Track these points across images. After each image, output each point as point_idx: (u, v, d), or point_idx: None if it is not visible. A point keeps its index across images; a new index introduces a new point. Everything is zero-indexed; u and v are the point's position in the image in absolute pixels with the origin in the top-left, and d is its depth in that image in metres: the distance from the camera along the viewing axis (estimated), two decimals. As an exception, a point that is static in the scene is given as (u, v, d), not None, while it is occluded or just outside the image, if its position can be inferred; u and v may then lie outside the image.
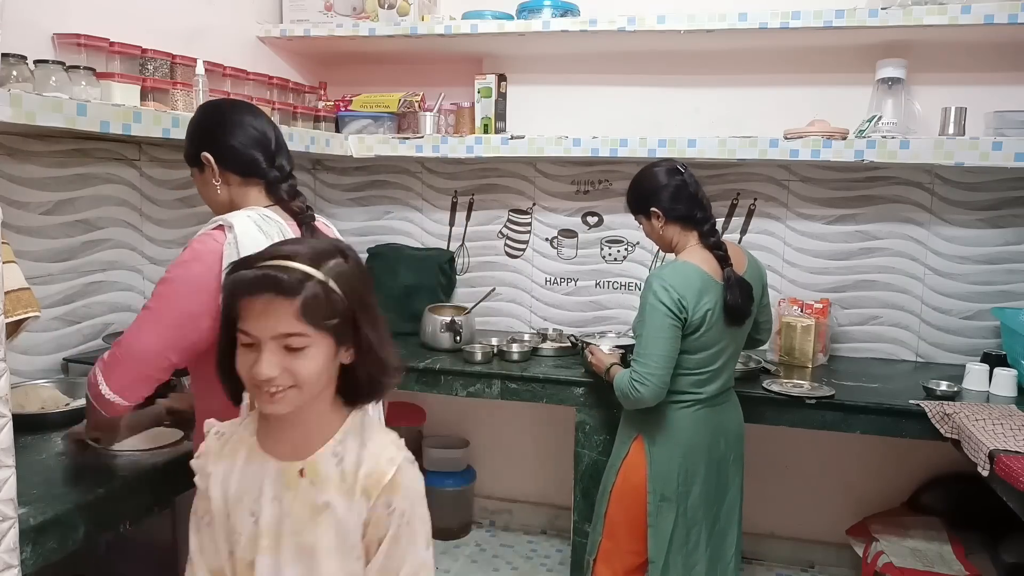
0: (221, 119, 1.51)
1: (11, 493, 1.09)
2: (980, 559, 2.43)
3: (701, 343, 1.90)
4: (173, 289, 1.36)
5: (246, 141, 1.49)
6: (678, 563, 1.96)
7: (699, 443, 1.94)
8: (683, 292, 1.84)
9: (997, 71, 2.55)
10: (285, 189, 1.51)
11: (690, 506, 1.95)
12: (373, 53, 2.96)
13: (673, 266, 1.93)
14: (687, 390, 1.94)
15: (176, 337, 1.35)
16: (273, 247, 1.14)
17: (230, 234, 1.36)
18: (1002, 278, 2.65)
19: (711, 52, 2.74)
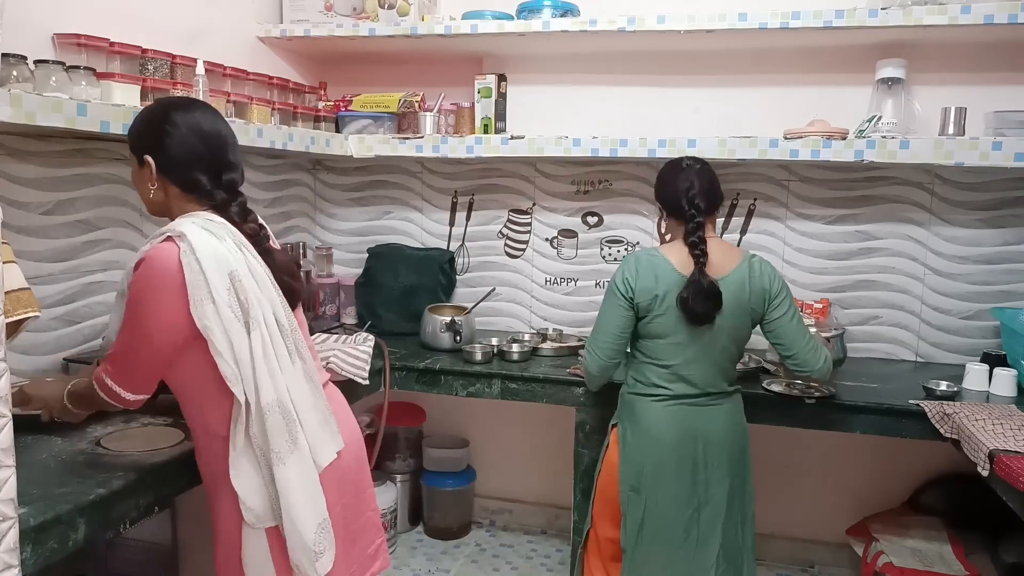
0: (165, 121, 1.43)
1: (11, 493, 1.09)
2: (980, 559, 2.43)
3: (654, 329, 1.94)
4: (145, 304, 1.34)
5: (191, 157, 1.43)
6: (646, 557, 1.96)
7: (667, 438, 1.94)
8: (634, 275, 1.93)
9: (997, 71, 2.55)
10: (235, 211, 1.45)
11: (660, 501, 1.94)
12: (373, 53, 2.96)
13: (643, 252, 2.00)
14: (657, 383, 1.96)
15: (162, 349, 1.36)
16: None
17: (183, 243, 1.32)
18: (1002, 278, 2.65)
19: (711, 52, 2.74)
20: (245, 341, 1.34)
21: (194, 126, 1.44)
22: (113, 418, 1.77)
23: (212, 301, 1.32)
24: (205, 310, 1.32)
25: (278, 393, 1.37)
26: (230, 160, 1.49)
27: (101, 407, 1.46)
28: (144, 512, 1.49)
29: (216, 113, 1.52)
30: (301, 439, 1.40)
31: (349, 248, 3.21)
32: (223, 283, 1.34)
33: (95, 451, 1.56)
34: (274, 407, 1.36)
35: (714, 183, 2.00)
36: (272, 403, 1.36)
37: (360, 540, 1.61)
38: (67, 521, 1.29)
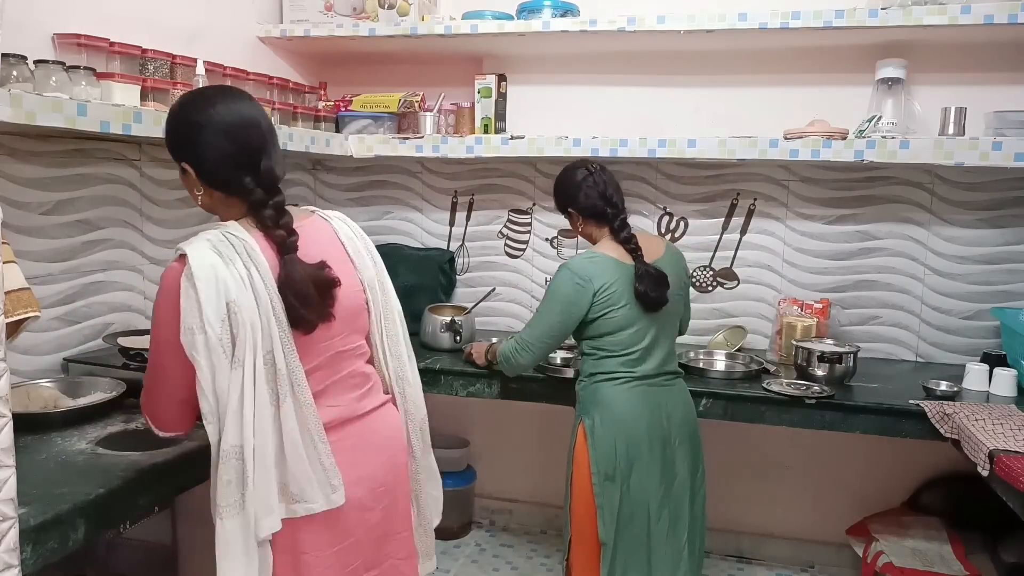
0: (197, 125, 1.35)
1: (11, 493, 1.09)
2: (980, 559, 2.43)
3: (615, 323, 2.00)
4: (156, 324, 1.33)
5: (234, 161, 1.35)
6: (627, 544, 1.99)
7: (638, 419, 1.98)
8: (589, 276, 1.99)
9: (997, 71, 2.55)
10: (269, 215, 1.35)
11: (634, 485, 1.98)
12: (373, 53, 2.96)
13: (581, 256, 2.07)
14: (619, 370, 2.02)
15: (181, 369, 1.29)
16: None
17: (186, 267, 1.26)
18: (1002, 278, 2.65)
19: (711, 52, 2.74)
20: (227, 375, 1.26)
21: (218, 124, 1.34)
22: (113, 418, 1.77)
23: (204, 332, 1.25)
24: (195, 340, 1.25)
25: (242, 438, 1.26)
26: (262, 148, 1.37)
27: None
28: (144, 512, 1.49)
29: (243, 98, 1.41)
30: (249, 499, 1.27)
31: (349, 248, 3.21)
32: (218, 314, 1.25)
33: (95, 451, 1.56)
34: (231, 455, 1.26)
35: (617, 182, 2.14)
36: (231, 449, 1.26)
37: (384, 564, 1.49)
38: (67, 521, 1.29)
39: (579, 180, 2.12)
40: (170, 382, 1.33)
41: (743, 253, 2.86)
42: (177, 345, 1.26)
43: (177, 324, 1.26)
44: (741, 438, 2.90)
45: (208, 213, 1.45)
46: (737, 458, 2.94)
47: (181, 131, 1.38)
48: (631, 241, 2.03)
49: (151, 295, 2.32)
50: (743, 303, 2.88)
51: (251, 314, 1.27)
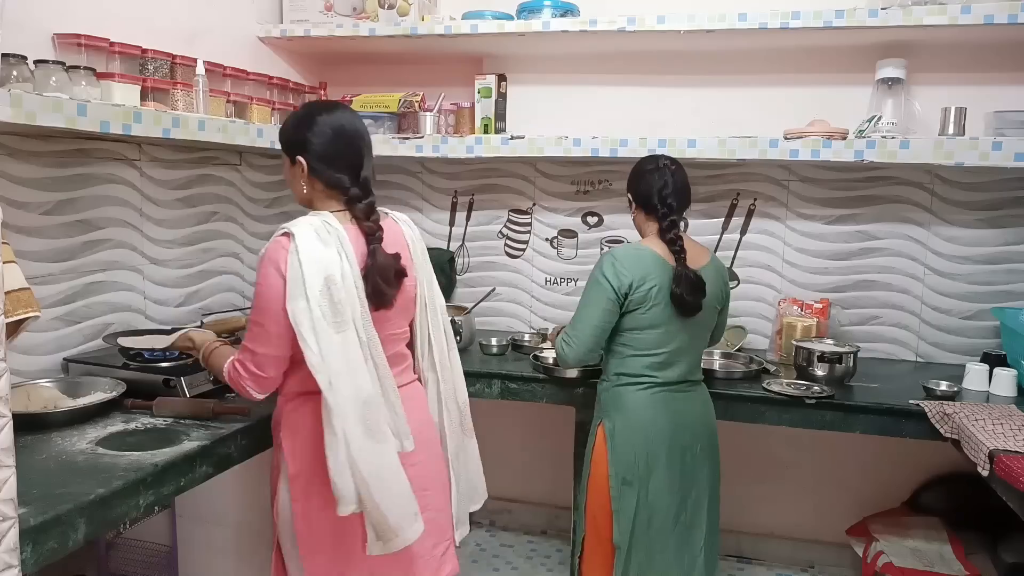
0: (316, 126, 1.61)
1: (11, 493, 1.09)
2: (980, 559, 2.43)
3: (646, 320, 1.97)
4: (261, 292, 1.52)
5: (341, 163, 1.61)
6: (642, 549, 1.98)
7: (659, 426, 1.98)
8: (626, 268, 1.96)
9: (997, 71, 2.55)
10: (362, 208, 1.61)
11: (652, 490, 1.97)
12: (373, 53, 2.96)
13: (627, 246, 2.06)
14: (643, 372, 2.00)
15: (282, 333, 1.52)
16: None
17: (292, 242, 1.49)
18: (1002, 278, 2.65)
19: (711, 52, 2.74)
20: (332, 339, 1.49)
21: (337, 129, 1.61)
22: (113, 418, 1.77)
23: (305, 299, 1.47)
24: (298, 306, 1.47)
25: (359, 391, 1.51)
26: (363, 155, 1.65)
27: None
28: (144, 512, 1.49)
29: (355, 114, 1.69)
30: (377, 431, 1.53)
31: (349, 248, 3.21)
32: (318, 285, 1.48)
33: (95, 451, 1.56)
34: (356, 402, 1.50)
35: (687, 185, 2.08)
36: (355, 398, 1.50)
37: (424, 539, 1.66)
38: (67, 521, 1.29)
39: (646, 170, 2.08)
40: (273, 342, 1.53)
41: (743, 253, 2.87)
42: (282, 310, 1.49)
43: (283, 290, 1.49)
44: (741, 438, 2.89)
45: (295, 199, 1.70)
46: (737, 458, 2.94)
47: (304, 127, 1.62)
48: (676, 242, 1.99)
49: (151, 295, 2.32)
50: (743, 303, 2.88)
51: (343, 291, 1.51)
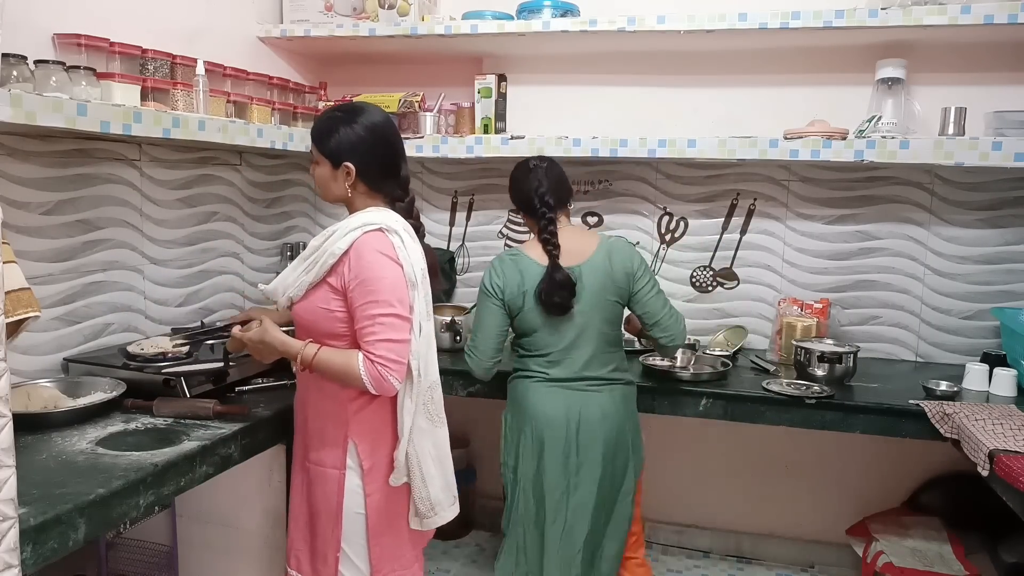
0: (373, 140, 1.67)
1: (11, 493, 1.09)
2: (980, 559, 2.44)
3: (527, 323, 2.05)
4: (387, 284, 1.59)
5: (389, 168, 1.70)
6: (519, 537, 2.03)
7: (542, 414, 2.02)
8: (501, 275, 2.06)
9: (997, 71, 2.55)
10: (403, 208, 1.72)
11: (534, 482, 2.03)
12: (373, 53, 2.96)
13: (507, 252, 2.13)
14: (535, 368, 2.07)
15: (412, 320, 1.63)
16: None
17: (394, 236, 1.62)
18: (1002, 278, 2.65)
19: (711, 52, 2.74)
20: (426, 325, 1.66)
21: (380, 134, 1.69)
22: (113, 418, 1.77)
23: (416, 288, 1.62)
24: (413, 294, 1.62)
25: (436, 375, 1.71)
26: (403, 156, 1.74)
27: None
28: (144, 512, 1.50)
29: (388, 115, 1.75)
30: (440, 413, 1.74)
31: (349, 248, 3.21)
32: (420, 275, 1.64)
33: (95, 451, 1.56)
34: (436, 385, 1.72)
35: (561, 179, 2.11)
36: (435, 382, 1.71)
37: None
38: (67, 521, 1.29)
39: (517, 176, 2.13)
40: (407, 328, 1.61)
41: (743, 253, 2.87)
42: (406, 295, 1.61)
43: (403, 277, 1.60)
44: (741, 438, 2.90)
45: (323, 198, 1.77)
46: (737, 458, 2.94)
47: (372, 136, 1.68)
48: (549, 241, 2.02)
49: (151, 295, 2.32)
50: (743, 303, 2.88)
51: (427, 283, 1.68)
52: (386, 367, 1.56)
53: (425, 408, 1.69)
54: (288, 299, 1.70)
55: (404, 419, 1.65)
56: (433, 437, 1.73)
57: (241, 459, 1.77)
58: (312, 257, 1.65)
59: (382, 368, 1.56)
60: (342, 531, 1.68)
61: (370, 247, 1.58)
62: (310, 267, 1.65)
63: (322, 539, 1.70)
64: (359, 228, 1.61)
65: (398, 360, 1.58)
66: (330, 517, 1.68)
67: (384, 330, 1.57)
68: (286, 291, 1.69)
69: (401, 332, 1.59)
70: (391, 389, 1.59)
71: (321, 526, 1.70)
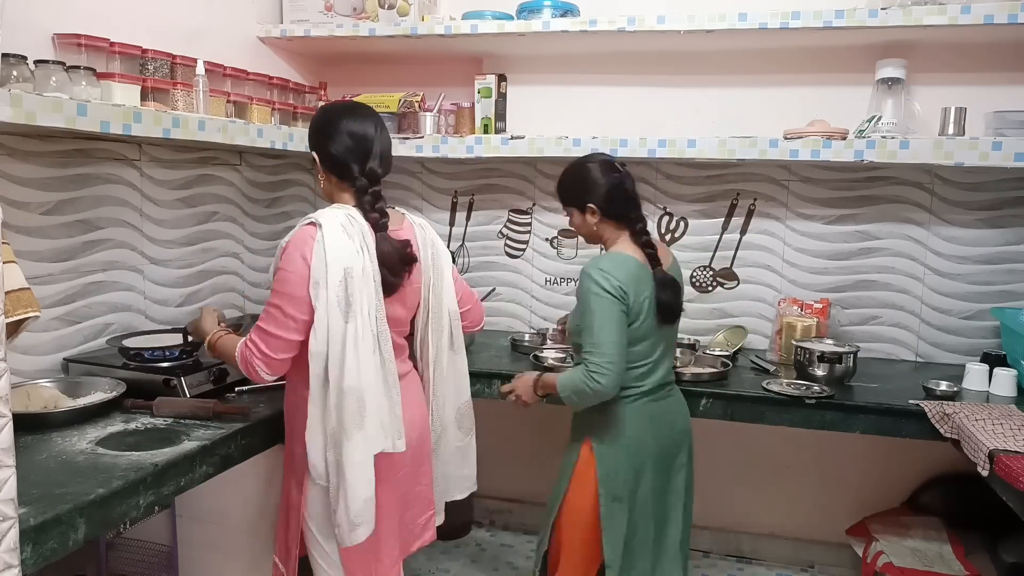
0: (327, 125, 1.71)
1: (11, 493, 1.09)
2: (980, 559, 2.43)
3: (641, 333, 1.88)
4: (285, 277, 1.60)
5: (343, 149, 1.69)
6: (633, 561, 1.94)
7: (645, 437, 1.92)
8: (623, 280, 1.82)
9: (997, 71, 2.55)
10: (367, 200, 1.69)
11: (639, 502, 1.93)
12: (373, 53, 2.96)
13: (611, 256, 1.91)
14: (630, 384, 1.91)
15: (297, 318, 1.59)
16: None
17: (319, 232, 1.59)
18: (1002, 278, 2.65)
19: (711, 52, 2.74)
20: (341, 327, 1.57)
21: (346, 124, 1.69)
22: (113, 418, 1.77)
23: (326, 287, 1.56)
24: (318, 292, 1.57)
25: (359, 380, 1.59)
26: (373, 153, 1.72)
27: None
28: (144, 512, 1.50)
29: (367, 114, 1.74)
30: (368, 423, 1.61)
31: (349, 248, 3.21)
32: (337, 275, 1.57)
33: (95, 451, 1.56)
34: (352, 391, 1.58)
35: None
36: (352, 387, 1.58)
37: (413, 507, 1.86)
38: (67, 521, 1.29)
39: (604, 175, 1.93)
40: (288, 326, 1.59)
41: (743, 253, 2.87)
42: (303, 296, 1.58)
43: (307, 275, 1.57)
44: (741, 438, 2.90)
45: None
46: (737, 458, 2.94)
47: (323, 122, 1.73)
48: (652, 246, 1.92)
49: (151, 295, 2.32)
50: (743, 303, 2.88)
51: (361, 281, 1.60)
52: (253, 354, 1.61)
53: (337, 414, 1.59)
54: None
55: (311, 422, 1.61)
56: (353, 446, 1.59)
57: (241, 459, 1.77)
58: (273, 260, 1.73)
59: (249, 355, 1.61)
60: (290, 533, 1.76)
61: (293, 241, 1.62)
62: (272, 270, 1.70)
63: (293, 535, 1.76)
64: (299, 223, 1.66)
65: (267, 353, 1.60)
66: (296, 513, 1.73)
67: (264, 319, 1.61)
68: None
69: (279, 327, 1.59)
70: (257, 378, 1.63)
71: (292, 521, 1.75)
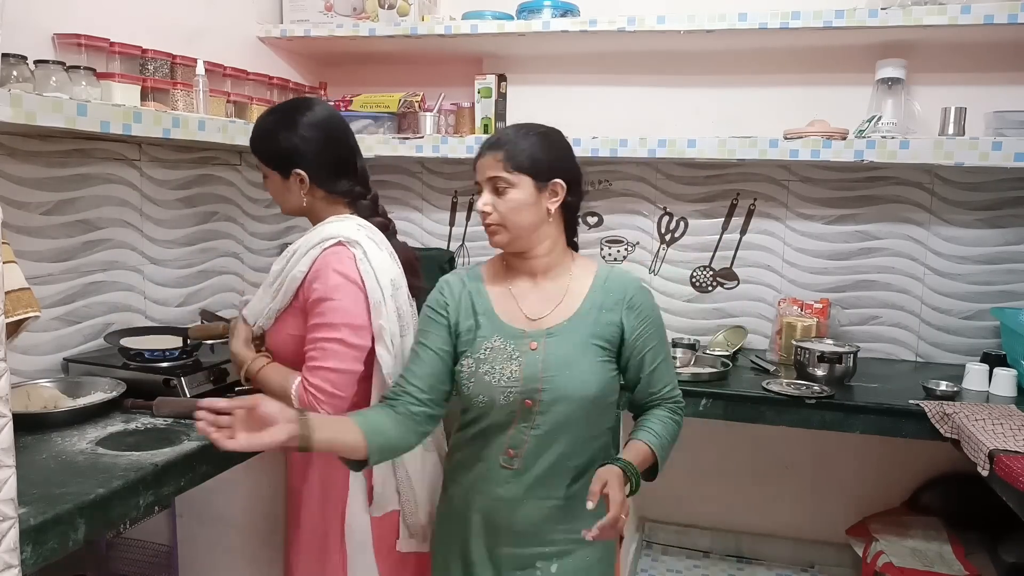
0: (320, 138, 1.55)
1: (11, 493, 1.09)
2: (980, 559, 2.43)
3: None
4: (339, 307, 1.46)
5: (344, 166, 1.58)
6: None
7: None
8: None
9: (997, 71, 2.55)
10: (367, 206, 1.60)
11: None
12: (373, 53, 2.96)
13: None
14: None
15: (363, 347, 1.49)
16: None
17: (357, 250, 1.49)
18: (1002, 278, 2.65)
19: (711, 52, 2.74)
20: (400, 342, 1.51)
21: (326, 129, 1.56)
22: (113, 418, 1.77)
23: (384, 303, 1.48)
24: (381, 311, 1.48)
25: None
26: (357, 150, 1.61)
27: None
28: (144, 512, 1.49)
29: (329, 106, 1.62)
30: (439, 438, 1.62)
31: (349, 248, 3.21)
32: (388, 289, 1.49)
33: (95, 451, 1.56)
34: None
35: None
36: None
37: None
38: (67, 521, 1.29)
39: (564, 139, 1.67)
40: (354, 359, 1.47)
41: (743, 253, 2.86)
42: (364, 321, 1.47)
43: (363, 298, 1.47)
44: (741, 438, 2.90)
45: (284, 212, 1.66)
46: (737, 458, 2.94)
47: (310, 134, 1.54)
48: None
49: (151, 295, 2.32)
50: (743, 303, 2.88)
51: (403, 290, 1.54)
52: (317, 398, 1.43)
53: None
54: (260, 328, 1.61)
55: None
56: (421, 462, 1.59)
57: (241, 459, 1.77)
58: (276, 283, 1.56)
59: (313, 399, 1.43)
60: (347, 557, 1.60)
61: (328, 267, 1.47)
62: (275, 294, 1.56)
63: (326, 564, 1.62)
64: (318, 245, 1.50)
65: (335, 393, 1.44)
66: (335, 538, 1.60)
67: (325, 357, 1.44)
68: (257, 319, 1.61)
69: (344, 361, 1.45)
70: None
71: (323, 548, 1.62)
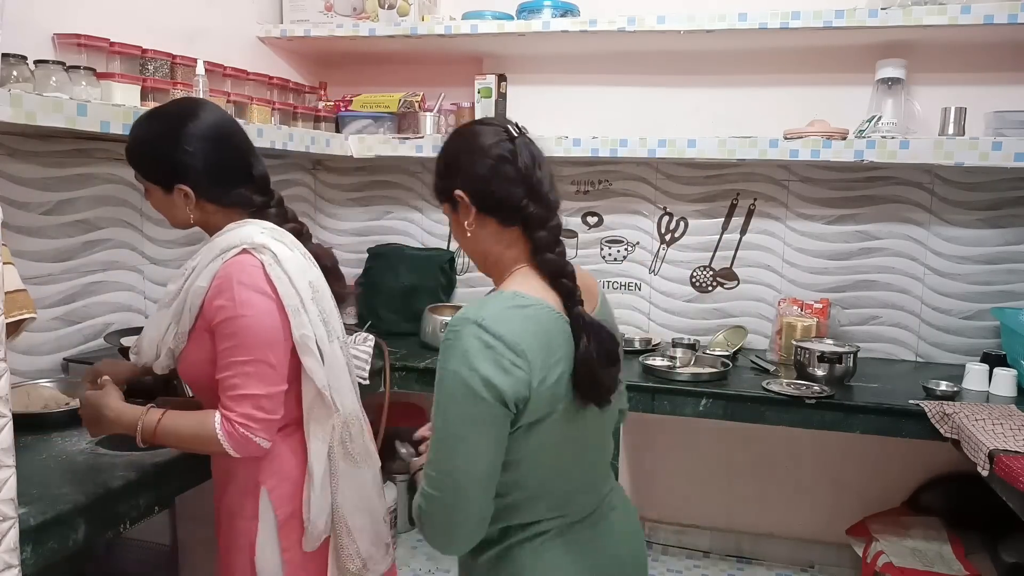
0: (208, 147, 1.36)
1: (11, 493, 1.09)
2: (980, 559, 2.43)
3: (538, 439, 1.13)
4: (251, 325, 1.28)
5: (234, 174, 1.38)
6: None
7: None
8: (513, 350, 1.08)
9: (997, 71, 2.55)
10: (275, 213, 1.43)
11: None
12: (373, 53, 2.96)
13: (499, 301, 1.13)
14: (542, 517, 1.18)
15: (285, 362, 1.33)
16: None
17: (264, 255, 1.31)
18: (1002, 278, 2.65)
19: (711, 52, 2.74)
20: (328, 347, 1.36)
21: (215, 134, 1.37)
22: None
23: (304, 309, 1.32)
24: (302, 319, 1.32)
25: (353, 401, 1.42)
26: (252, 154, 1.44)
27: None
28: (144, 512, 1.49)
29: (217, 108, 1.43)
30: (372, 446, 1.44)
31: (349, 248, 3.21)
32: (307, 292, 1.34)
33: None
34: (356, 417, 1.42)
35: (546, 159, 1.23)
36: (354, 413, 1.41)
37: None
38: (67, 521, 1.29)
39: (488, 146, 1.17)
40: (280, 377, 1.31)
41: (743, 253, 2.86)
42: (280, 335, 1.30)
43: (276, 309, 1.30)
44: (741, 438, 2.90)
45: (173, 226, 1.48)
46: (737, 458, 2.94)
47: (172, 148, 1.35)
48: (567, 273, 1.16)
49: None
50: (743, 303, 2.88)
51: (326, 298, 1.40)
52: (249, 427, 1.28)
53: (343, 447, 1.39)
54: (169, 355, 1.39)
55: (314, 465, 1.35)
56: (356, 481, 1.40)
57: (241, 459, 1.76)
58: (176, 303, 1.36)
59: (246, 430, 1.27)
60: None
61: (231, 279, 1.28)
62: (178, 315, 1.36)
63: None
64: (219, 257, 1.32)
65: (268, 418, 1.29)
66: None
67: (248, 383, 1.27)
68: (160, 348, 1.39)
69: (269, 383, 1.29)
70: (258, 450, 1.31)
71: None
